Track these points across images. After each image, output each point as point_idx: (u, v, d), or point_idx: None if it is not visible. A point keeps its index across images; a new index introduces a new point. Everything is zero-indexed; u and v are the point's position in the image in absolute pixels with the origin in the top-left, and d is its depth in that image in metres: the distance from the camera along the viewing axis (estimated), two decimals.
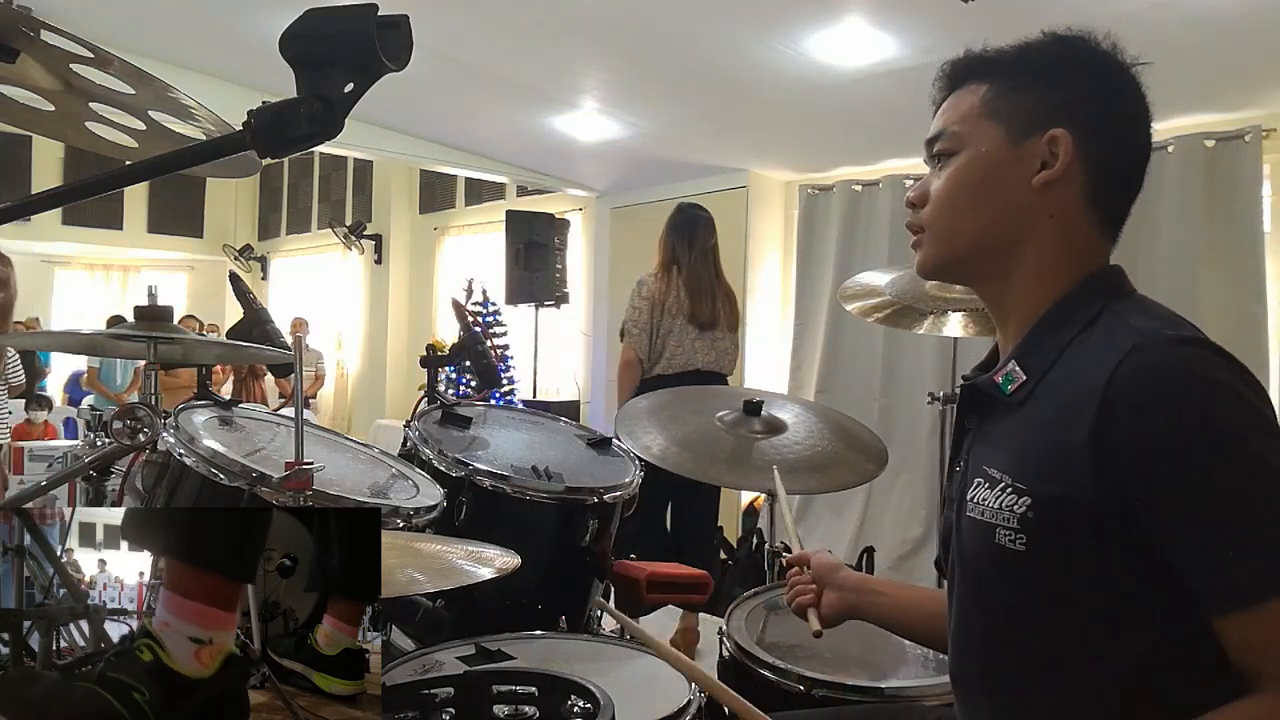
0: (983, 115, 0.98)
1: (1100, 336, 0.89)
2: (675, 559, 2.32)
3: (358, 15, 0.61)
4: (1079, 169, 0.94)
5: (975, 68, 1.01)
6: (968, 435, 1.03)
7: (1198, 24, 3.22)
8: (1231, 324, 3.81)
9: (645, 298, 3.53)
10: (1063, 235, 0.96)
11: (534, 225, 6.32)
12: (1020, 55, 0.99)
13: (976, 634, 0.97)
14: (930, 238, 1.02)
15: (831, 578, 1.29)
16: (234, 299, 1.83)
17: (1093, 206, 0.96)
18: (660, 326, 3.52)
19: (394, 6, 0.61)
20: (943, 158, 1.01)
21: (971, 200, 0.98)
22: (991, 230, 0.98)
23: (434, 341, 3.69)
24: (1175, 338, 0.84)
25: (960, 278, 1.07)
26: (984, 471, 0.93)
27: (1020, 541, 0.87)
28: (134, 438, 1.27)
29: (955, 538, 0.98)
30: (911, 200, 1.04)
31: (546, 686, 1.20)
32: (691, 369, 3.53)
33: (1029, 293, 0.97)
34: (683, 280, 3.54)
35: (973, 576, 0.96)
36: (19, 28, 0.92)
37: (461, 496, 1.75)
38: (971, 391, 1.02)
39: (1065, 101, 0.95)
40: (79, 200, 0.67)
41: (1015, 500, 0.88)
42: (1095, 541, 0.84)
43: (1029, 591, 0.90)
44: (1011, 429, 0.94)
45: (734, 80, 4.29)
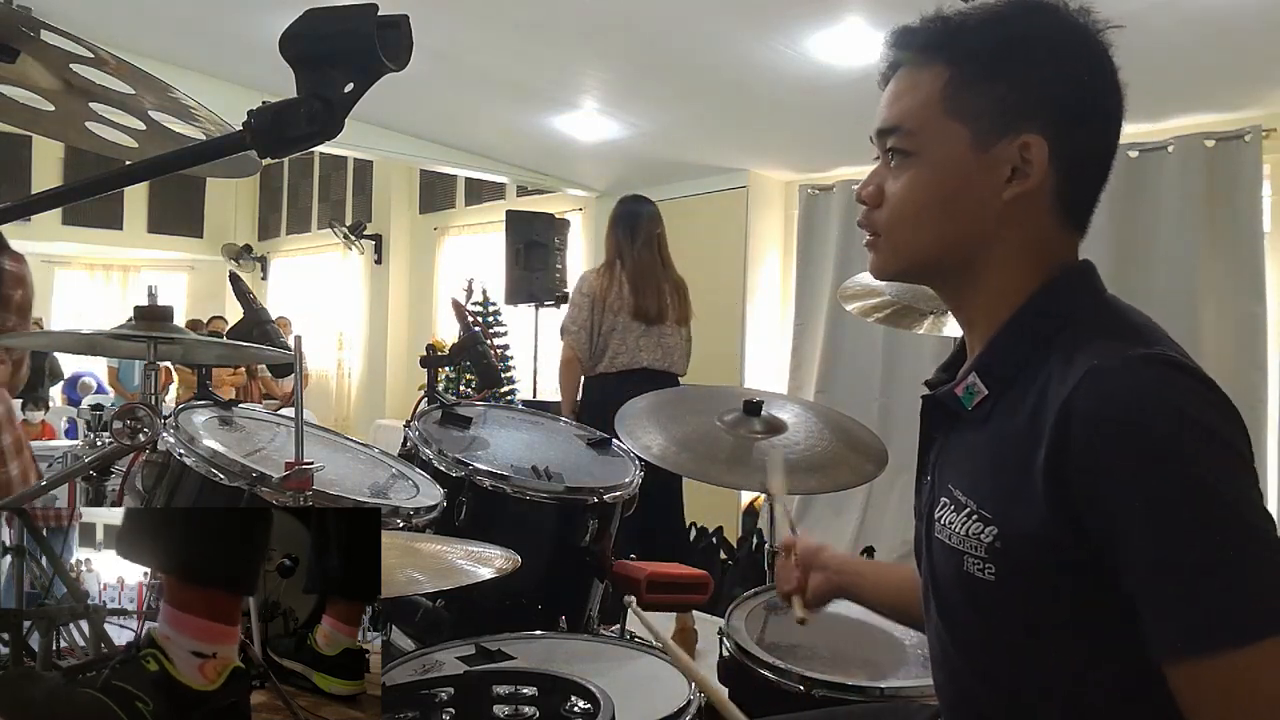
0: (945, 112, 0.88)
1: (1060, 353, 0.83)
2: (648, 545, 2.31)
3: (358, 15, 0.61)
4: (1050, 173, 0.87)
5: (934, 41, 0.90)
6: (933, 446, 0.99)
7: (1198, 24, 3.22)
8: (1231, 324, 3.81)
9: (585, 294, 3.43)
10: (1028, 241, 0.89)
11: (534, 225, 6.31)
12: (982, 33, 0.88)
13: (950, 658, 0.94)
14: (886, 245, 0.94)
15: (815, 559, 1.29)
16: (234, 299, 1.83)
17: (1060, 206, 0.89)
18: (602, 324, 3.40)
19: (394, 6, 0.61)
20: (898, 155, 0.91)
21: (932, 214, 0.90)
22: (953, 245, 0.91)
23: (434, 341, 3.70)
24: (1135, 358, 0.77)
25: (919, 282, 1.02)
26: (950, 492, 0.89)
27: (989, 571, 0.83)
28: (134, 438, 1.27)
29: (926, 555, 0.95)
30: (864, 198, 0.95)
31: (546, 686, 1.20)
32: (637, 367, 3.41)
33: (994, 300, 0.91)
34: (626, 274, 3.43)
35: (943, 601, 0.93)
36: (19, 28, 0.92)
37: (461, 496, 1.75)
38: (934, 404, 0.97)
39: (1036, 99, 0.86)
40: (79, 200, 0.67)
41: (982, 529, 0.84)
42: (1061, 573, 0.80)
43: (999, 621, 0.86)
44: (975, 446, 0.89)
45: (734, 80, 4.29)
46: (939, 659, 0.98)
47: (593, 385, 3.49)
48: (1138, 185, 4.05)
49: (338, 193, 9.90)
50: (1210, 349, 3.78)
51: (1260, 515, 0.73)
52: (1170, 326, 0.88)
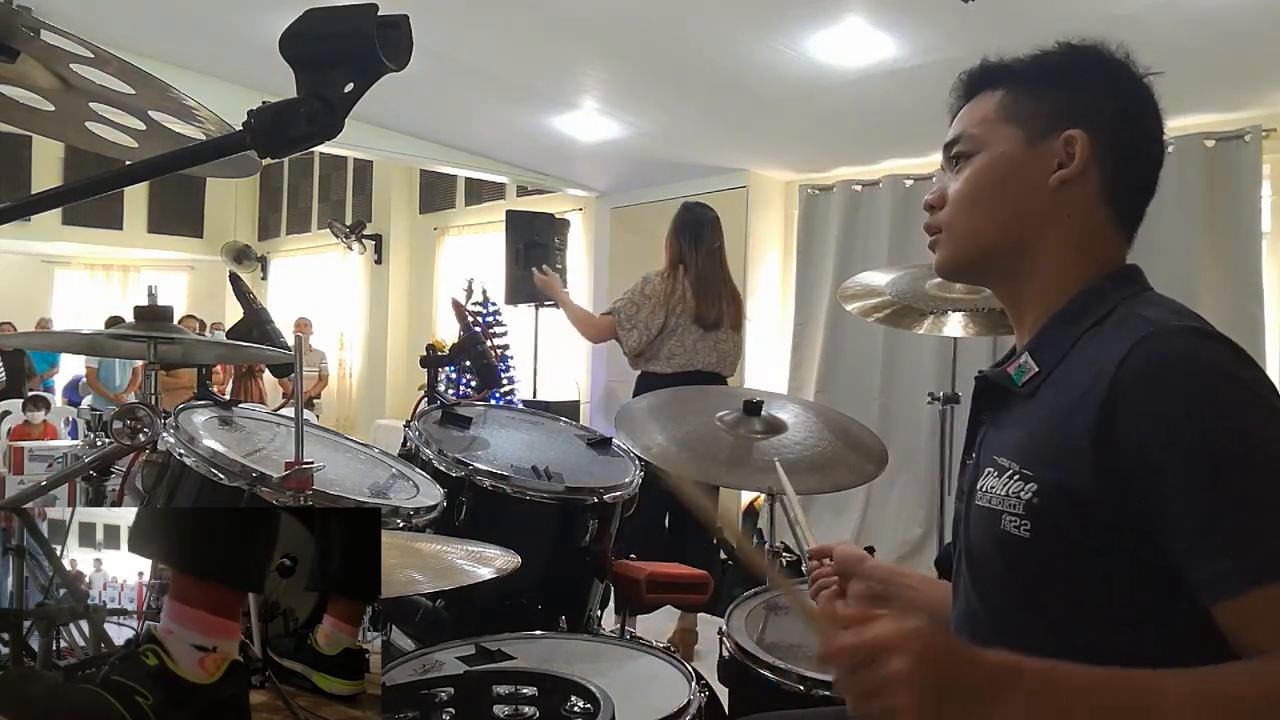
0: (1000, 119, 1.00)
1: (1112, 328, 0.90)
2: (678, 559, 2.32)
3: (358, 15, 0.61)
4: (1095, 169, 0.96)
5: (992, 75, 1.03)
6: (982, 428, 1.03)
7: (1198, 24, 3.22)
8: (1229, 324, 3.80)
9: (648, 295, 3.52)
10: (1079, 234, 0.97)
11: (534, 225, 6.32)
12: (1036, 61, 1.01)
13: (976, 622, 0.97)
14: (948, 238, 1.03)
15: (858, 568, 1.25)
16: (234, 299, 1.84)
17: (1109, 206, 0.97)
18: (664, 325, 3.50)
19: (394, 6, 0.61)
20: (960, 160, 1.02)
21: (989, 201, 1.00)
22: (1009, 230, 0.99)
23: (434, 341, 3.70)
24: (1185, 328, 0.84)
25: (979, 278, 1.08)
26: (994, 460, 0.94)
27: (1025, 528, 0.88)
28: (134, 438, 1.27)
29: (964, 528, 0.99)
30: (930, 202, 1.06)
31: (546, 686, 1.20)
32: (692, 369, 3.52)
33: (1045, 291, 0.98)
34: (689, 281, 3.52)
35: (976, 564, 0.97)
36: (19, 28, 0.92)
37: (461, 496, 1.75)
38: (985, 384, 1.03)
39: (1081, 104, 0.97)
40: (79, 200, 0.67)
41: (1022, 487, 0.89)
42: (1098, 530, 0.84)
43: (1031, 579, 0.90)
44: (1022, 417, 0.95)
45: (734, 80, 4.29)
46: (963, 630, 0.99)
47: (647, 383, 3.55)
48: None
49: (338, 193, 9.90)
50: None
51: None
52: None
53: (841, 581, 1.25)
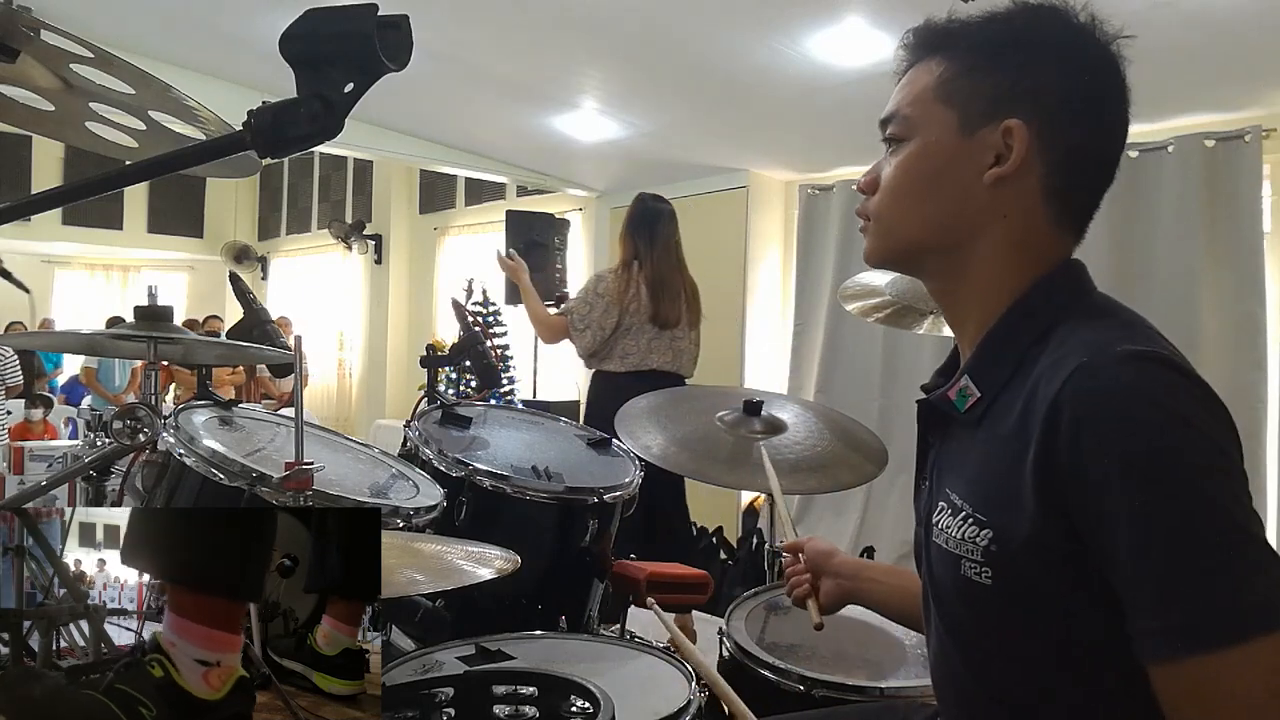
0: (936, 98, 0.90)
1: (1051, 351, 0.82)
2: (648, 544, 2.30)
3: (358, 15, 0.61)
4: (1037, 163, 0.86)
5: (936, 39, 0.92)
6: (931, 450, 0.98)
7: (1198, 24, 3.22)
8: (1230, 324, 3.81)
9: (601, 294, 3.40)
10: (1017, 236, 0.88)
11: (534, 225, 6.31)
12: (984, 29, 0.90)
13: (950, 659, 0.94)
14: (876, 228, 0.95)
15: (827, 564, 1.28)
16: (234, 299, 1.83)
17: (1051, 203, 0.88)
18: (618, 324, 3.39)
19: (394, 6, 0.61)
20: (894, 142, 0.93)
21: (918, 194, 0.91)
22: (938, 228, 0.91)
23: (434, 341, 3.69)
24: (1124, 354, 0.76)
25: (910, 271, 1.02)
26: (947, 496, 0.89)
27: (986, 575, 0.83)
28: (134, 438, 1.27)
29: (925, 560, 0.95)
30: (860, 187, 0.97)
31: (546, 686, 1.20)
32: (646, 369, 3.40)
33: (983, 297, 0.90)
34: (644, 278, 3.39)
35: (943, 603, 0.92)
36: (19, 28, 0.92)
37: (461, 496, 1.75)
38: (929, 408, 0.97)
39: (1025, 87, 0.86)
40: (79, 200, 0.67)
41: (978, 532, 0.83)
42: (1057, 576, 0.78)
43: (997, 624, 0.85)
44: (970, 449, 0.89)
45: (734, 80, 4.29)
46: (938, 659, 0.97)
47: (599, 382, 3.49)
48: (1137, 185, 4.05)
49: (338, 193, 9.90)
50: (1210, 349, 3.78)
51: (1244, 513, 0.72)
52: (1169, 327, 0.87)
53: (814, 577, 1.28)
